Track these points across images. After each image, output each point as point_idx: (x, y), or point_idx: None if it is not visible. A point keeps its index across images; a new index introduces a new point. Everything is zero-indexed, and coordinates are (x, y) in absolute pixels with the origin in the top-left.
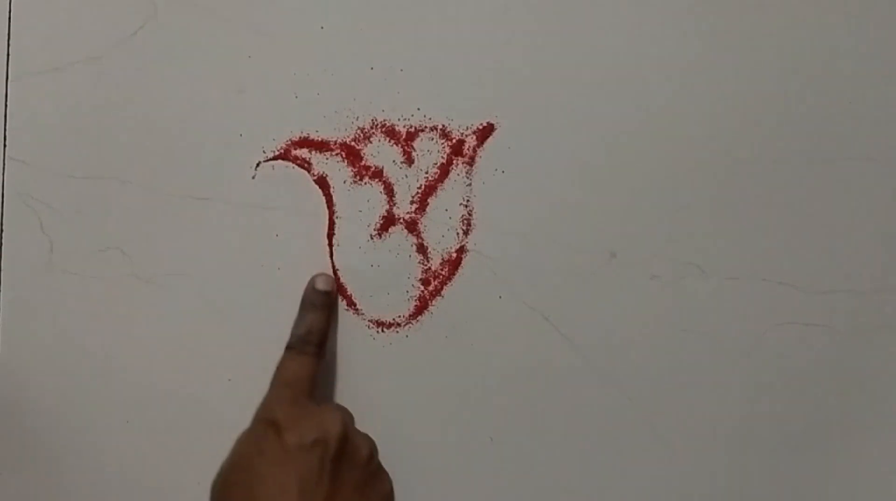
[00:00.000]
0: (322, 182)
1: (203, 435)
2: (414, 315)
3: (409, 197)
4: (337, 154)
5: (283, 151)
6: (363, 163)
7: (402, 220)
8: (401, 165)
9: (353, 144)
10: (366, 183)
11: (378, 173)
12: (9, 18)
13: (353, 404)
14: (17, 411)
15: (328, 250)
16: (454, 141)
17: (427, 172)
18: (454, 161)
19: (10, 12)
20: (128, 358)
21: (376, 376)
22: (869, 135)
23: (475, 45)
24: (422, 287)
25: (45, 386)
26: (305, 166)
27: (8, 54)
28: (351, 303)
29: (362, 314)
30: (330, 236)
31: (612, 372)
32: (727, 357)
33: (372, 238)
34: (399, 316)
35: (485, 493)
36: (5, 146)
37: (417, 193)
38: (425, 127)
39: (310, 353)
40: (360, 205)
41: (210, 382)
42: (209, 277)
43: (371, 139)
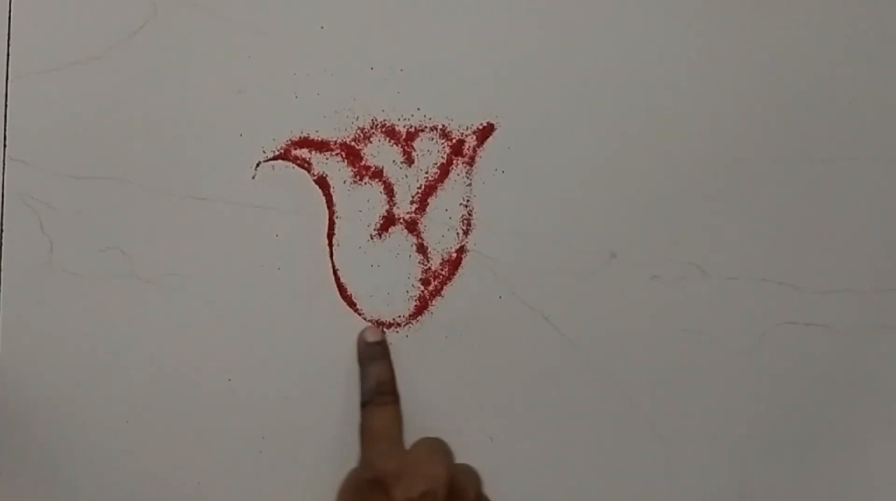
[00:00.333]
0: (322, 182)
1: (203, 435)
2: (414, 315)
3: (409, 197)
4: (337, 154)
5: (283, 151)
6: (363, 163)
7: (402, 220)
8: (401, 165)
9: (353, 144)
10: (366, 183)
11: (378, 173)
12: (9, 18)
13: (352, 403)
14: (16, 411)
15: (328, 250)
16: (454, 141)
17: (427, 172)
18: (454, 161)
19: (10, 12)
20: (128, 358)
21: None
22: (869, 135)
23: (475, 45)
24: (422, 287)
25: (44, 386)
26: (305, 166)
27: (8, 54)
28: (351, 303)
29: (362, 313)
30: (330, 236)
31: (612, 372)
32: (727, 357)
33: (372, 238)
34: (399, 316)
35: (485, 493)
36: (5, 146)
37: (417, 193)
38: (425, 127)
39: (389, 402)
40: (360, 205)
41: (210, 382)
42: (209, 277)
43: (371, 139)
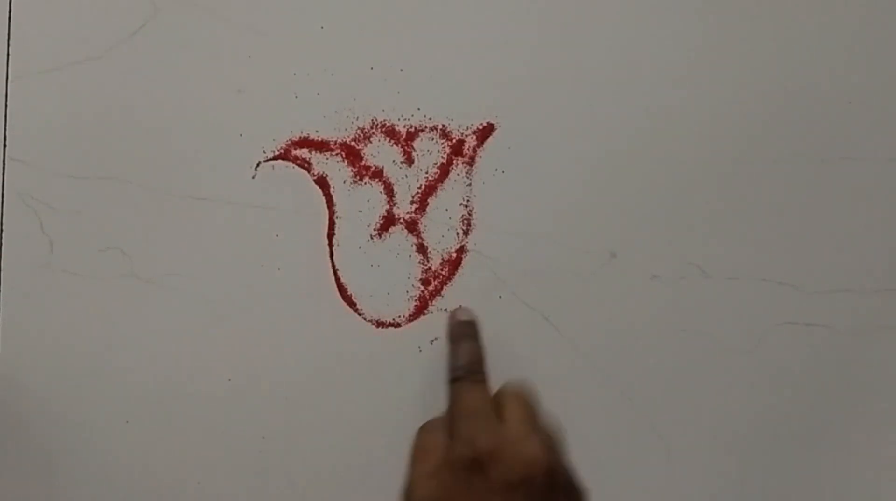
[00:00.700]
0: (322, 182)
1: (203, 435)
2: (414, 315)
3: (409, 197)
4: (337, 154)
5: (283, 151)
6: (363, 163)
7: (402, 220)
8: (401, 165)
9: (353, 144)
10: (366, 183)
11: (378, 173)
12: (9, 18)
13: (353, 403)
14: (16, 410)
15: (328, 250)
16: (454, 141)
17: (427, 172)
18: (454, 161)
19: (10, 12)
20: (128, 358)
21: (376, 376)
22: (869, 135)
23: (475, 46)
24: (422, 287)
25: (44, 386)
26: (305, 166)
27: (8, 54)
28: (351, 303)
29: (362, 313)
30: (330, 236)
31: (612, 372)
32: (727, 357)
33: (372, 238)
34: (399, 316)
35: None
36: (5, 146)
37: (417, 193)
38: (425, 127)
39: (482, 379)
40: (360, 205)
41: (210, 382)
42: (209, 277)
43: (371, 139)
